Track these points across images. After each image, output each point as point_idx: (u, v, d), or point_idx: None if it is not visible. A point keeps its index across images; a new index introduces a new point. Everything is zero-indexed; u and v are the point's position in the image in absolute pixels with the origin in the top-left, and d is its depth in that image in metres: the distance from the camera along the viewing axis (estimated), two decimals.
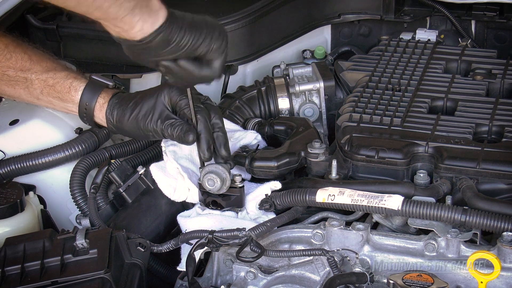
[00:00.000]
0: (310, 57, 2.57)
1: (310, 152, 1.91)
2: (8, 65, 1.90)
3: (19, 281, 1.58)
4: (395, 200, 1.66)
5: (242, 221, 1.80)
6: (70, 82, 1.91)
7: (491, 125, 1.92)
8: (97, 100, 1.90)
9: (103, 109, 1.90)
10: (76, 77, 1.93)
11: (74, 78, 1.92)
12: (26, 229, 1.87)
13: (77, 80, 1.92)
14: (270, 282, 1.67)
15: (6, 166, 1.99)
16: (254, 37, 2.46)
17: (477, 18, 2.57)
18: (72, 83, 1.91)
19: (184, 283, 1.74)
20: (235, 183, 1.83)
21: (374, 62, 2.26)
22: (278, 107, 2.26)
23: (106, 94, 1.91)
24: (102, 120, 1.91)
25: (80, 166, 1.99)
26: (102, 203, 1.96)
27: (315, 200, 1.73)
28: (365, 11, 2.64)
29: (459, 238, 1.61)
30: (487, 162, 1.77)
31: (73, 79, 1.92)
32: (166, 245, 1.76)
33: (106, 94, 1.91)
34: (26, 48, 1.94)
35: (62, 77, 1.92)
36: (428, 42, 2.37)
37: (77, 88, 1.91)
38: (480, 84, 2.12)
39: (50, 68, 1.93)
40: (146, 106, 1.84)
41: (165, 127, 1.81)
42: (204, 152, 1.82)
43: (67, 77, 1.92)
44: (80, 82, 1.92)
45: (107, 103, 1.89)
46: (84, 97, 1.90)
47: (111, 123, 1.89)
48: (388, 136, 1.90)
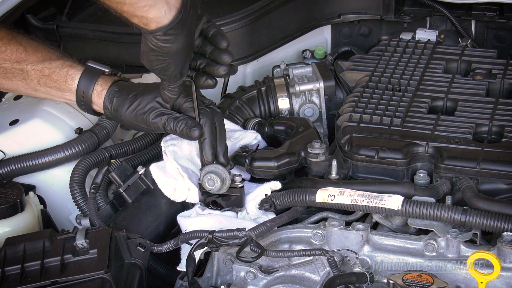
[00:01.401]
0: (310, 57, 2.57)
1: (310, 152, 1.91)
2: (4, 58, 1.89)
3: (19, 281, 1.58)
4: (395, 200, 1.66)
5: (242, 221, 1.80)
6: (66, 70, 1.90)
7: (491, 125, 1.92)
8: (94, 87, 1.88)
9: (101, 96, 1.87)
10: (72, 65, 1.91)
11: (70, 67, 1.90)
12: (26, 229, 1.87)
13: (73, 68, 1.90)
14: (270, 282, 1.67)
15: (6, 166, 1.99)
16: (254, 37, 2.46)
17: (477, 18, 2.57)
18: (68, 71, 1.90)
19: (184, 283, 1.74)
20: (235, 183, 1.83)
21: (374, 62, 2.26)
22: (278, 107, 2.26)
23: (104, 81, 1.89)
24: (100, 107, 1.89)
25: (80, 166, 1.99)
26: (102, 203, 1.96)
27: (315, 200, 1.73)
28: (365, 11, 2.64)
29: (459, 238, 1.61)
30: (487, 162, 1.77)
31: (68, 68, 1.90)
32: (166, 245, 1.76)
33: (104, 81, 1.89)
34: (21, 39, 1.92)
35: (57, 66, 1.90)
36: (428, 42, 2.37)
37: (73, 76, 1.89)
38: (480, 84, 2.12)
39: (45, 58, 1.91)
40: (146, 100, 1.83)
41: (168, 121, 1.80)
42: (208, 156, 1.81)
43: (62, 66, 1.90)
44: (76, 70, 1.90)
45: (105, 90, 1.87)
46: (81, 84, 1.88)
47: (108, 111, 1.87)
48: (388, 136, 1.90)
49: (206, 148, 1.81)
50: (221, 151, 1.84)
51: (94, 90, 1.88)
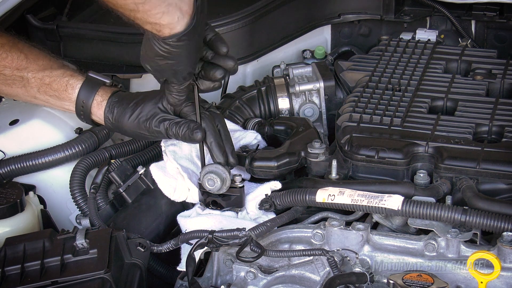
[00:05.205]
0: (310, 57, 2.57)
1: (310, 152, 1.91)
2: (4, 65, 1.90)
3: (19, 281, 1.58)
4: (395, 200, 1.66)
5: (242, 221, 1.80)
6: (67, 80, 1.91)
7: (491, 125, 1.92)
8: (94, 98, 1.89)
9: (101, 107, 1.89)
10: (73, 75, 1.92)
11: (71, 76, 1.91)
12: (26, 229, 1.87)
13: (73, 78, 1.91)
14: (270, 282, 1.67)
15: (6, 166, 1.99)
16: (254, 37, 2.46)
17: (477, 18, 2.57)
18: (69, 81, 1.90)
19: (184, 283, 1.74)
20: (235, 183, 1.83)
21: (374, 62, 2.26)
22: (278, 107, 2.26)
23: (104, 92, 1.90)
24: (99, 118, 1.91)
25: (80, 166, 1.99)
26: (102, 203, 1.96)
27: (315, 200, 1.72)
28: (365, 11, 2.64)
29: (459, 238, 1.61)
30: (487, 162, 1.77)
31: (69, 77, 1.91)
32: (166, 245, 1.76)
33: (104, 92, 1.90)
34: (22, 47, 1.93)
35: (58, 75, 1.91)
36: (428, 42, 2.36)
37: (74, 86, 1.90)
38: (480, 84, 2.12)
39: (46, 66, 1.92)
40: (148, 107, 1.84)
41: (170, 126, 1.80)
42: (220, 157, 1.81)
43: (63, 75, 1.91)
44: (77, 80, 1.91)
45: (105, 101, 1.88)
46: (81, 94, 1.89)
47: (109, 122, 1.88)
48: (388, 136, 1.89)
49: (215, 150, 1.81)
50: (230, 151, 1.84)
51: (94, 101, 1.89)
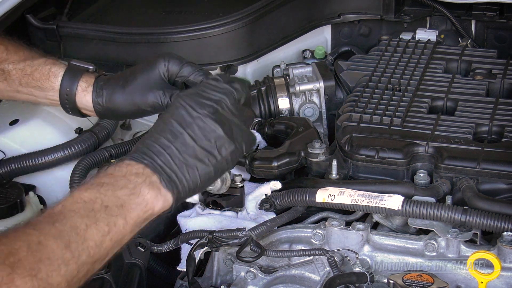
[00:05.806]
0: (310, 57, 2.57)
1: (310, 152, 1.91)
2: None
3: None
4: (395, 200, 1.66)
5: (242, 221, 1.80)
6: (49, 68, 1.82)
7: (491, 125, 1.92)
8: (79, 84, 1.79)
9: (86, 93, 1.78)
10: (55, 63, 1.83)
11: (53, 64, 1.83)
12: None
13: (56, 65, 1.82)
14: (270, 282, 1.67)
15: (6, 166, 1.99)
16: (254, 37, 2.46)
17: (477, 18, 2.57)
18: (51, 68, 1.82)
19: (184, 283, 1.74)
20: (235, 183, 1.82)
21: (374, 62, 2.26)
22: (278, 107, 2.26)
23: (89, 78, 1.80)
24: (86, 105, 1.80)
25: (80, 166, 1.99)
26: None
27: (315, 200, 1.72)
28: (365, 11, 2.64)
29: (459, 238, 1.61)
30: (487, 162, 1.77)
31: (51, 65, 1.82)
32: (166, 245, 1.76)
33: (89, 77, 1.80)
34: (2, 39, 1.87)
35: (40, 63, 1.82)
36: (428, 42, 2.36)
37: (56, 74, 1.81)
38: (480, 84, 2.12)
39: (27, 56, 1.84)
40: (140, 79, 1.72)
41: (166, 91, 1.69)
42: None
43: (45, 63, 1.83)
44: (59, 68, 1.82)
45: (91, 87, 1.78)
46: (64, 82, 1.79)
47: (99, 107, 1.77)
48: (388, 136, 1.89)
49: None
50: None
51: (79, 87, 1.79)
